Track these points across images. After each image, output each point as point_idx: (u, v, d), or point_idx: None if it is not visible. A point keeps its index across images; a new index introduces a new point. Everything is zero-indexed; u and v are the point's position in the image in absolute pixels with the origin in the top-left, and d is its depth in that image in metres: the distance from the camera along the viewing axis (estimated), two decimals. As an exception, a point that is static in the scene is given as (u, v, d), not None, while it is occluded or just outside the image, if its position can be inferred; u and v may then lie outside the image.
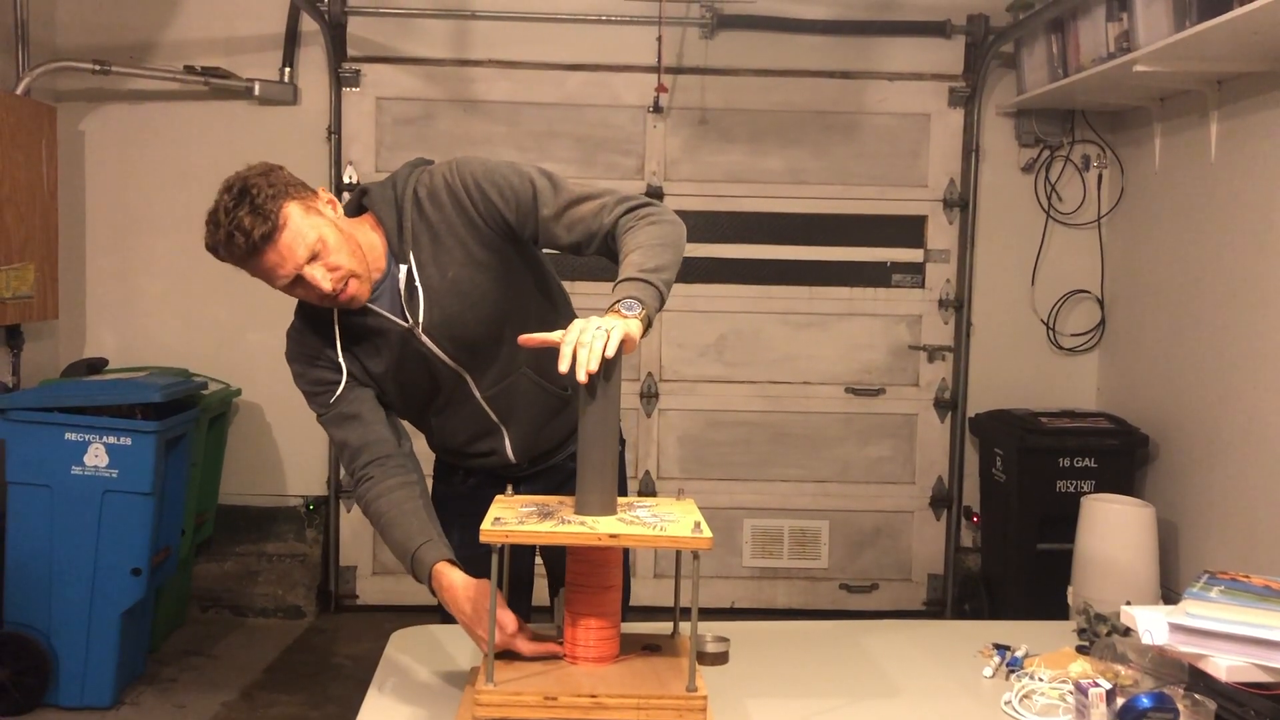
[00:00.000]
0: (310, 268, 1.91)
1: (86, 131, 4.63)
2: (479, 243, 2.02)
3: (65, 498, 3.60)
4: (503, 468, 2.28)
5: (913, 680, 2.04)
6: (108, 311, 4.69)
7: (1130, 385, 4.54)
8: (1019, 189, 4.80)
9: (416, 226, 2.02)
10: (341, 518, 4.79)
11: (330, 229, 1.94)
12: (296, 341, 2.18)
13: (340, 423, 2.10)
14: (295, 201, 1.92)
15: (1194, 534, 3.97)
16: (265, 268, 1.92)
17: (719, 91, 4.72)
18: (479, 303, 2.05)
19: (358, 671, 4.06)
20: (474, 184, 1.99)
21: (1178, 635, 1.82)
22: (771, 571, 4.88)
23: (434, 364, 2.09)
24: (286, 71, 4.64)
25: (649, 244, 1.86)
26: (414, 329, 2.05)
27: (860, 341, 4.82)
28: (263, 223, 1.86)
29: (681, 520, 1.75)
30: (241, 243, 1.87)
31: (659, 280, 1.81)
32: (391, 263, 2.03)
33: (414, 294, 2.03)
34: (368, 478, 2.07)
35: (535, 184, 1.98)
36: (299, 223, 1.90)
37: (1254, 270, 3.62)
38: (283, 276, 1.93)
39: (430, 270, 2.03)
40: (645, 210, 1.93)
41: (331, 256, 1.92)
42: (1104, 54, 3.87)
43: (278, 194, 1.90)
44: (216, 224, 1.90)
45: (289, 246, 1.89)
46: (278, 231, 1.88)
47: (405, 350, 2.07)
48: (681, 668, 1.75)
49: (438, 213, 2.01)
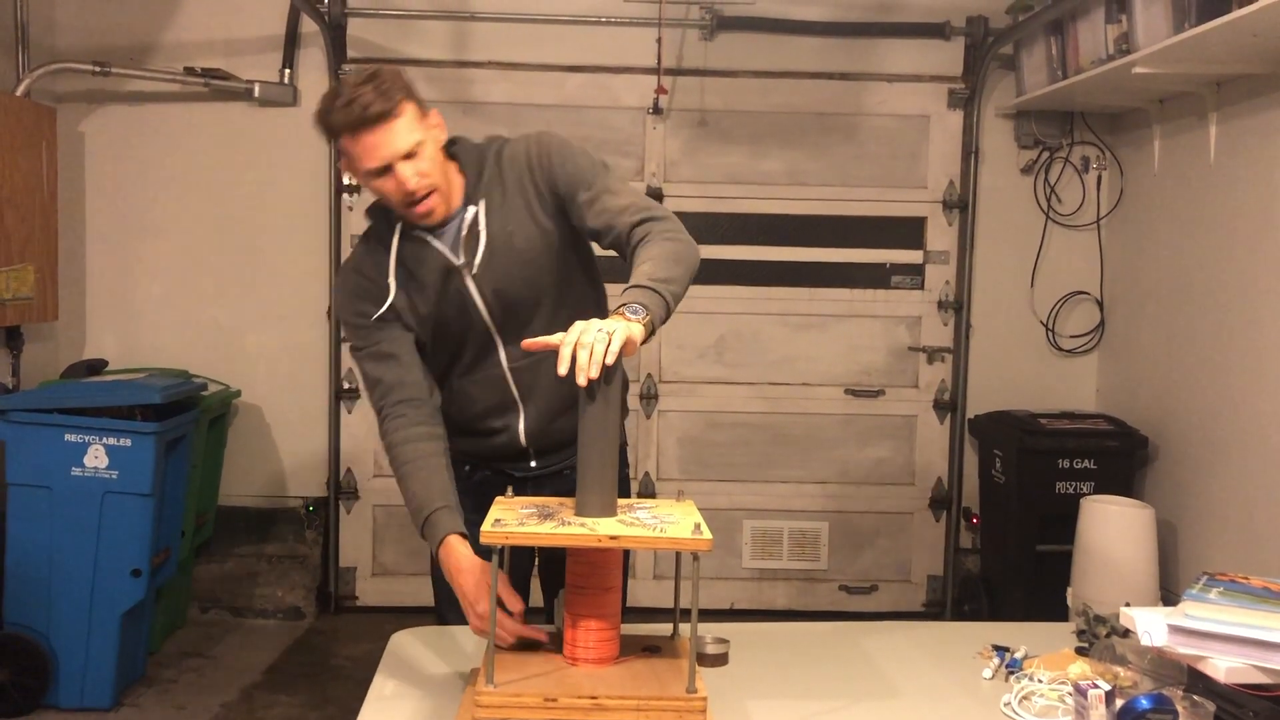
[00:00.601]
0: (403, 164, 2.02)
1: (86, 133, 4.63)
2: (542, 209, 2.14)
3: (65, 499, 3.60)
4: (509, 456, 2.30)
5: (912, 681, 2.04)
6: (107, 313, 4.69)
7: (1130, 387, 4.54)
8: (1018, 190, 4.80)
9: (492, 178, 2.15)
10: (341, 519, 4.79)
11: (431, 142, 2.07)
12: (352, 270, 2.25)
13: (377, 359, 2.18)
14: (413, 104, 2.04)
15: (1193, 535, 3.97)
16: (364, 145, 2.01)
17: (718, 93, 4.72)
18: (529, 264, 2.14)
19: (357, 673, 4.06)
20: (547, 154, 2.13)
21: (1177, 637, 1.82)
22: (771, 573, 4.88)
23: (471, 314, 2.17)
24: (286, 73, 4.65)
25: (662, 257, 1.92)
26: (464, 268, 2.14)
27: (860, 343, 4.83)
28: (383, 103, 1.98)
29: (681, 522, 1.75)
30: (357, 113, 1.97)
31: (667, 291, 1.87)
32: (463, 205, 2.15)
33: (475, 236, 2.13)
34: (399, 415, 2.14)
35: (594, 168, 2.12)
36: (410, 121, 2.02)
37: (1253, 271, 3.62)
38: (377, 160, 2.02)
39: (495, 220, 2.13)
40: (664, 225, 2.01)
41: (425, 164, 2.05)
42: (1103, 56, 3.88)
43: (401, 89, 2.02)
44: (336, 94, 2.02)
45: (394, 135, 2.00)
46: (391, 117, 1.99)
47: (448, 290, 2.15)
48: (681, 669, 1.75)
49: (513, 172, 2.14)
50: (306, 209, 4.69)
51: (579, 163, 2.12)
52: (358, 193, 4.67)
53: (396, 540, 4.81)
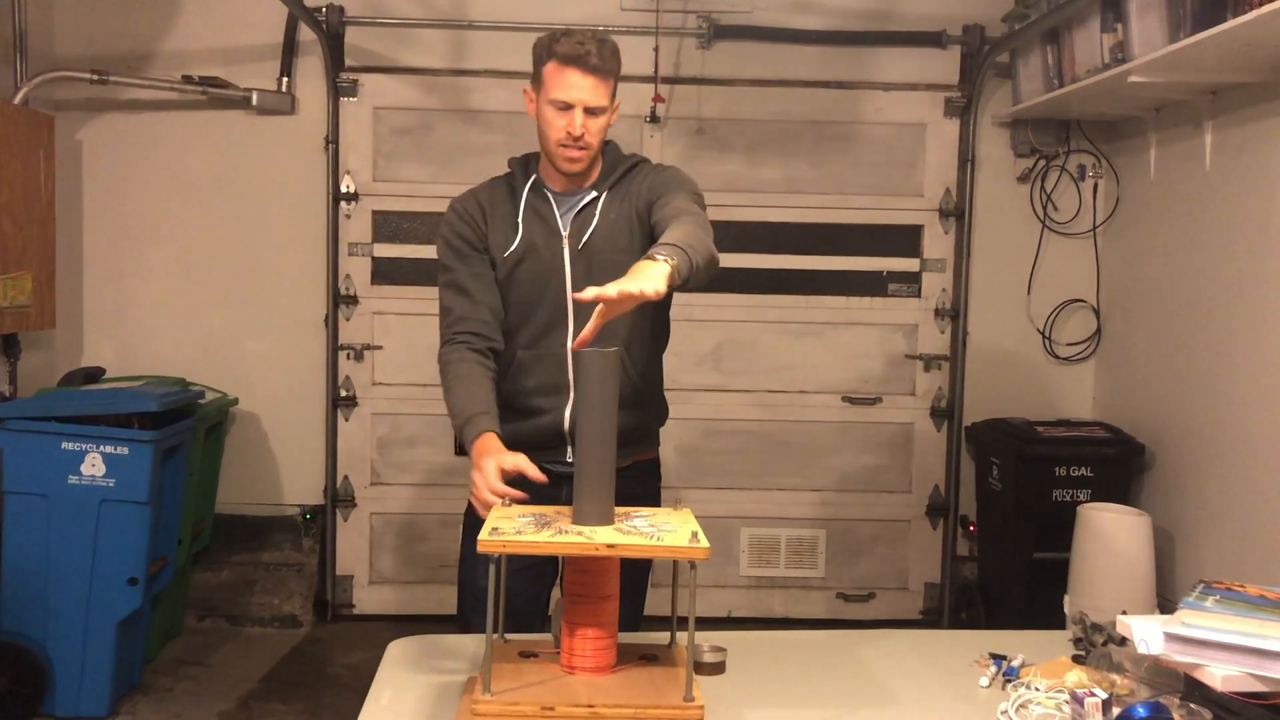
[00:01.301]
0: (585, 114, 2.27)
1: (84, 141, 4.64)
2: (639, 224, 2.35)
3: (62, 507, 3.60)
4: (547, 442, 2.37)
5: (909, 689, 2.04)
6: (105, 321, 4.70)
7: (1126, 394, 4.55)
8: (1015, 199, 4.81)
9: (619, 182, 2.39)
10: (338, 527, 4.78)
11: (608, 117, 2.32)
12: (473, 197, 2.45)
13: (456, 289, 2.37)
14: (615, 81, 2.32)
15: (1190, 543, 3.98)
16: (568, 78, 2.25)
17: (715, 102, 4.73)
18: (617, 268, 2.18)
19: (354, 681, 4.06)
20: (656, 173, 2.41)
21: (1173, 645, 1.82)
22: (769, 580, 4.88)
23: (556, 282, 2.34)
24: (284, 81, 4.65)
25: (685, 229, 2.10)
26: (568, 239, 2.35)
27: (857, 350, 4.83)
28: (604, 61, 2.26)
29: (679, 530, 1.76)
30: (582, 53, 2.23)
31: (691, 250, 2.01)
32: (590, 186, 2.38)
33: (589, 218, 2.35)
34: (460, 341, 2.33)
35: (679, 184, 2.36)
36: (609, 90, 2.30)
37: (1249, 279, 3.63)
38: (569, 96, 2.26)
39: (610, 213, 2.36)
40: (702, 221, 2.21)
41: (596, 125, 2.29)
42: (1099, 64, 3.89)
43: (618, 65, 2.31)
44: (572, 32, 2.27)
45: (595, 90, 2.26)
46: (604, 76, 2.27)
47: (544, 250, 2.35)
48: (678, 677, 1.75)
49: (637, 185, 2.38)
50: (304, 217, 4.69)
51: (669, 179, 2.37)
52: (355, 201, 4.68)
53: (394, 548, 4.81)
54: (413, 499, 4.78)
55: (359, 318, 4.74)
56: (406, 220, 4.74)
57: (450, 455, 4.67)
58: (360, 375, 4.75)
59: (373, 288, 4.74)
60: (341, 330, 4.74)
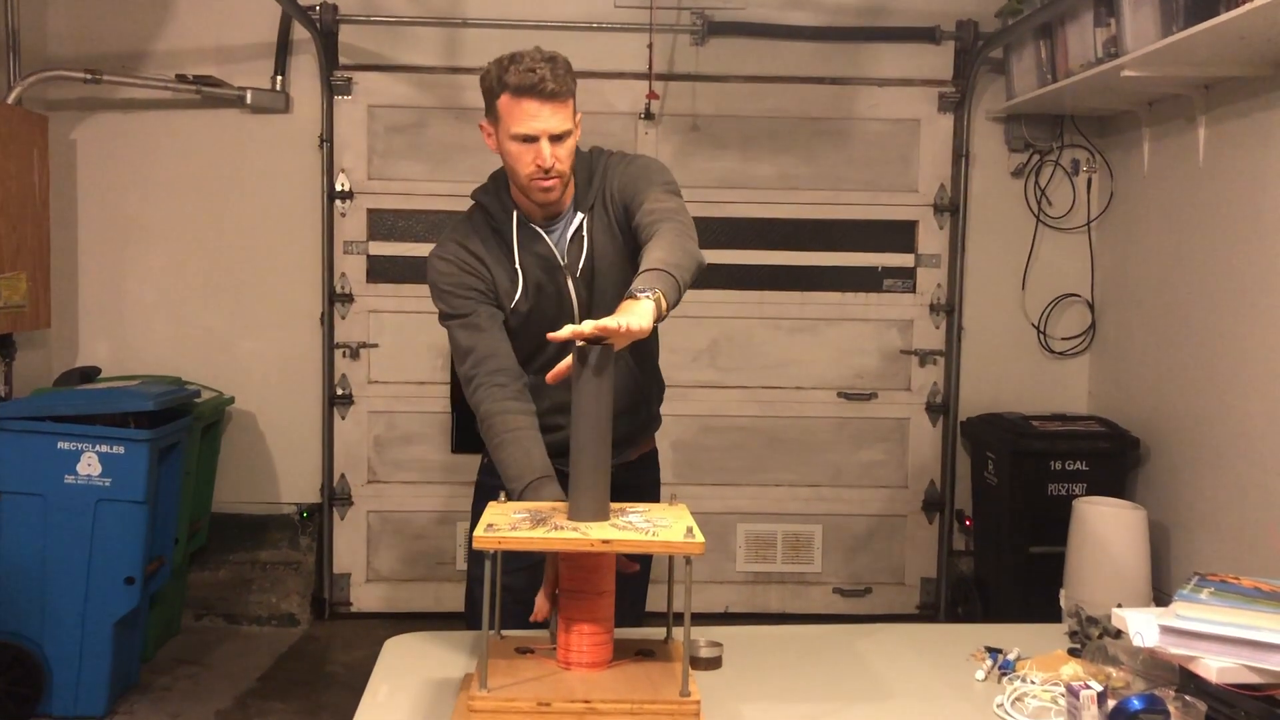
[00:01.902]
0: (550, 143, 2.16)
1: (78, 140, 4.63)
2: (621, 229, 2.30)
3: (58, 507, 3.60)
4: (562, 452, 2.33)
5: (905, 683, 2.05)
6: (100, 320, 4.69)
7: (1121, 388, 4.56)
8: (1009, 194, 4.82)
9: (597, 191, 2.31)
10: (335, 525, 4.78)
11: (574, 137, 2.23)
12: (459, 244, 2.33)
13: (471, 329, 2.27)
14: (573, 100, 2.21)
15: (1185, 536, 3.99)
16: (524, 110, 2.14)
17: (710, 98, 4.73)
18: (619, 281, 2.24)
19: (352, 679, 4.06)
20: (613, 171, 2.31)
21: (1168, 637, 1.83)
22: (765, 576, 4.88)
23: (565, 311, 2.29)
24: (278, 80, 4.65)
25: (669, 242, 2.07)
26: (567, 269, 2.30)
27: (852, 346, 4.84)
28: (558, 84, 2.13)
29: (674, 525, 1.76)
30: (532, 81, 2.12)
31: (675, 270, 1.98)
32: (571, 209, 2.31)
33: (580, 242, 2.29)
34: (495, 384, 2.21)
35: (655, 174, 2.29)
36: (570, 111, 2.19)
37: (1242, 273, 3.64)
38: (529, 128, 2.15)
39: (596, 229, 2.30)
40: (682, 221, 2.17)
41: (565, 151, 2.20)
42: (1092, 59, 3.89)
43: (573, 82, 2.19)
44: (518, 59, 2.14)
45: (556, 116, 2.16)
46: (562, 99, 2.16)
47: (550, 285, 2.30)
48: (675, 673, 1.75)
49: (609, 189, 2.30)
50: (299, 216, 4.69)
51: (640, 174, 2.28)
52: (350, 199, 4.68)
53: (391, 546, 4.81)
54: (409, 497, 4.78)
55: (355, 316, 4.74)
56: (402, 218, 4.74)
57: (447, 453, 4.71)
58: (356, 373, 4.75)
59: (368, 286, 4.73)
60: (337, 328, 4.74)
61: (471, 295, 2.28)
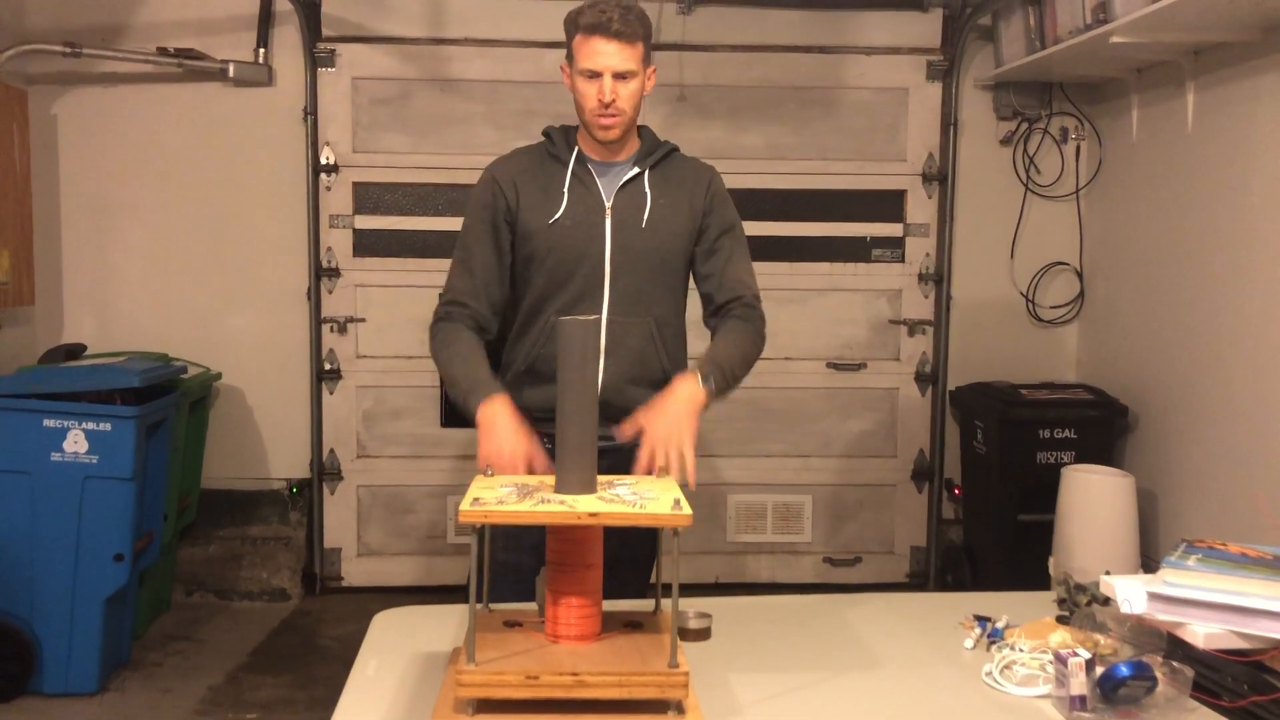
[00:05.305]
0: (616, 81, 2.31)
1: (59, 115, 4.58)
2: (691, 219, 2.47)
3: (45, 485, 3.58)
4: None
5: (894, 652, 2.06)
6: (85, 296, 4.66)
7: (1110, 356, 4.56)
8: (997, 162, 4.81)
9: (659, 164, 2.47)
10: (325, 500, 4.78)
11: (640, 83, 2.36)
12: (509, 168, 2.48)
13: (463, 266, 2.43)
14: (644, 47, 2.35)
15: (1173, 503, 4.00)
16: (593, 47, 2.30)
17: (697, 68, 4.70)
18: (664, 246, 2.44)
19: (343, 653, 4.05)
20: (721, 190, 2.53)
21: (1156, 604, 1.84)
22: (755, 546, 4.90)
23: (595, 250, 2.39)
24: (261, 52, 4.60)
25: (739, 346, 2.38)
26: (610, 210, 2.40)
27: (841, 316, 4.83)
28: (625, 27, 2.28)
29: (661, 497, 1.76)
30: (604, 20, 2.27)
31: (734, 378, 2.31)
32: (629, 162, 2.44)
33: (639, 195, 2.42)
34: (454, 316, 2.40)
35: (737, 224, 2.54)
36: (637, 54, 2.32)
37: (1231, 240, 3.63)
38: (599, 65, 2.30)
39: (659, 194, 2.43)
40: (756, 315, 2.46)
41: (627, 91, 2.33)
42: (1081, 25, 3.87)
43: (645, 30, 2.34)
44: (596, 3, 2.30)
45: (620, 54, 2.30)
46: (628, 40, 2.30)
47: (586, 221, 2.40)
48: (663, 644, 1.75)
49: (686, 177, 2.49)
50: (284, 189, 4.65)
51: (733, 214, 2.53)
52: (335, 173, 4.64)
53: (381, 520, 4.80)
54: (399, 471, 4.77)
55: (341, 290, 4.71)
56: (388, 191, 4.71)
57: (436, 427, 4.69)
58: (344, 348, 4.73)
59: (355, 260, 4.70)
60: (324, 303, 4.71)
61: (492, 217, 2.43)
